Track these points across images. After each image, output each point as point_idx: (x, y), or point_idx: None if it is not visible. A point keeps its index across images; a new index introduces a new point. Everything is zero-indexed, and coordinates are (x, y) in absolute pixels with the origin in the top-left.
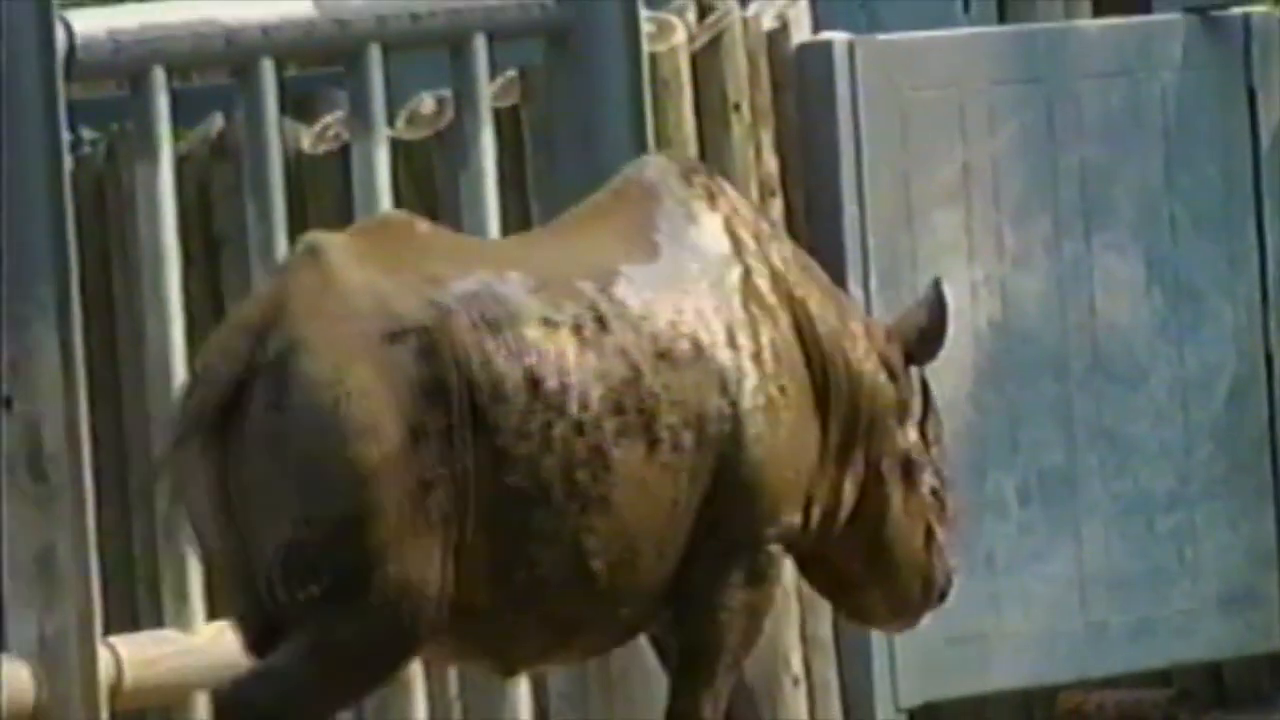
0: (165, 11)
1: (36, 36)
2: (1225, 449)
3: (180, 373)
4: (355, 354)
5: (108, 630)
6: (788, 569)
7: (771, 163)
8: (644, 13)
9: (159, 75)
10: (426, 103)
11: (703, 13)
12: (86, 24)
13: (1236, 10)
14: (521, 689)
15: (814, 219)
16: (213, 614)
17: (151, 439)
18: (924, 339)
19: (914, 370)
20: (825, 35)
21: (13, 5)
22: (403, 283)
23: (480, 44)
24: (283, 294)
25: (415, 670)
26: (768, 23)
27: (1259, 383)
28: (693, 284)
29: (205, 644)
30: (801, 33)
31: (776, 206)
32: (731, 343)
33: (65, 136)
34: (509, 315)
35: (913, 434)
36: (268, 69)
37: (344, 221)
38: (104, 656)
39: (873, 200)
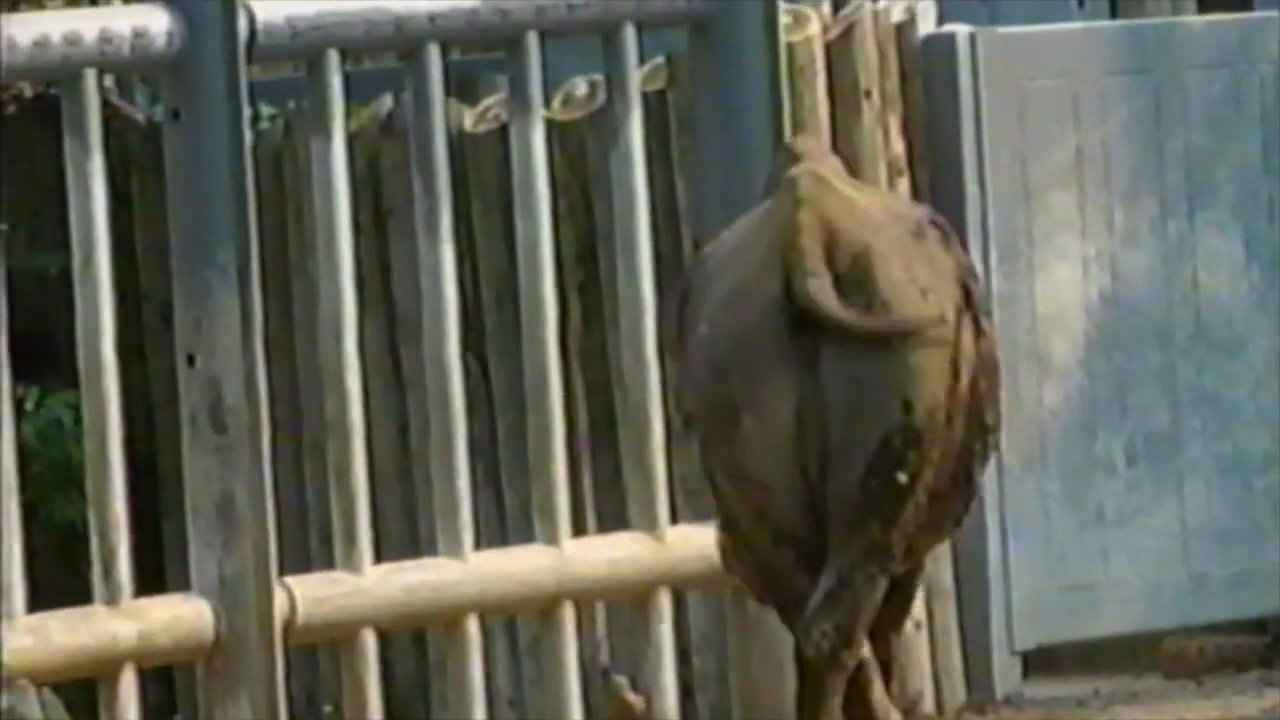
0: (340, 0)
1: (221, 22)
2: None
3: (350, 332)
4: (910, 253)
5: (282, 571)
6: None
7: (899, 145)
8: (782, 5)
9: (333, 58)
10: (580, 87)
11: (836, 6)
12: (267, 11)
13: None
14: (664, 627)
15: (938, 198)
16: (379, 557)
17: (323, 395)
18: None
19: None
20: (949, 27)
21: None
22: (874, 196)
23: (630, 32)
24: (821, 212)
25: (568, 607)
26: (896, 15)
27: None
28: None
29: (372, 585)
30: (927, 25)
31: (903, 186)
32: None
33: (246, 114)
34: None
35: None
36: (434, 54)
37: (503, 196)
38: (279, 595)
39: (993, 181)
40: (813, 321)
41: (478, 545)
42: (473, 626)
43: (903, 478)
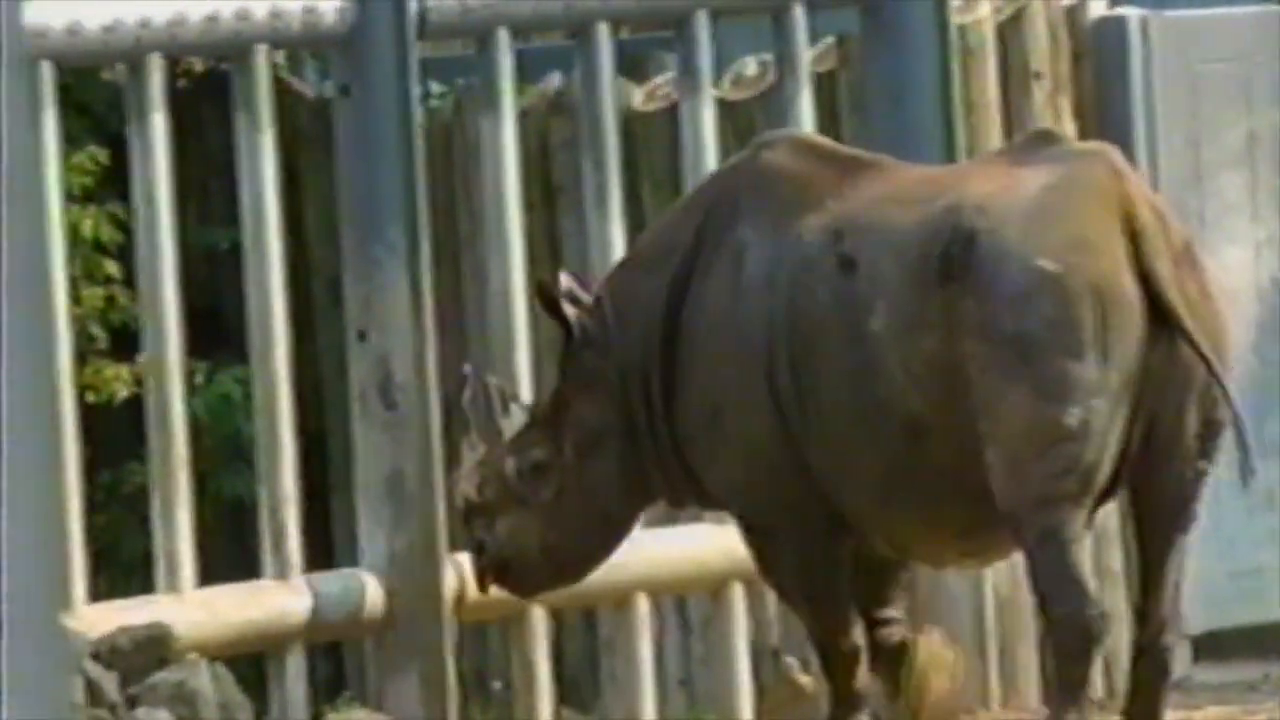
0: None
1: (392, 1)
2: None
3: (520, 308)
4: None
5: (452, 548)
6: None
7: (1070, 127)
8: None
9: (504, 36)
10: (750, 66)
11: None
12: None
13: None
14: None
15: None
16: None
17: (493, 370)
18: None
19: None
20: (1120, 10)
21: None
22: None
23: (800, 13)
24: (1143, 191)
25: (738, 587)
26: None
27: None
28: None
29: None
30: (1099, 8)
31: None
32: None
33: (416, 91)
34: None
35: None
36: (603, 32)
37: (672, 174)
38: (449, 572)
39: (1164, 164)
40: (1154, 298)
41: (647, 524)
42: (643, 605)
43: (1206, 467)
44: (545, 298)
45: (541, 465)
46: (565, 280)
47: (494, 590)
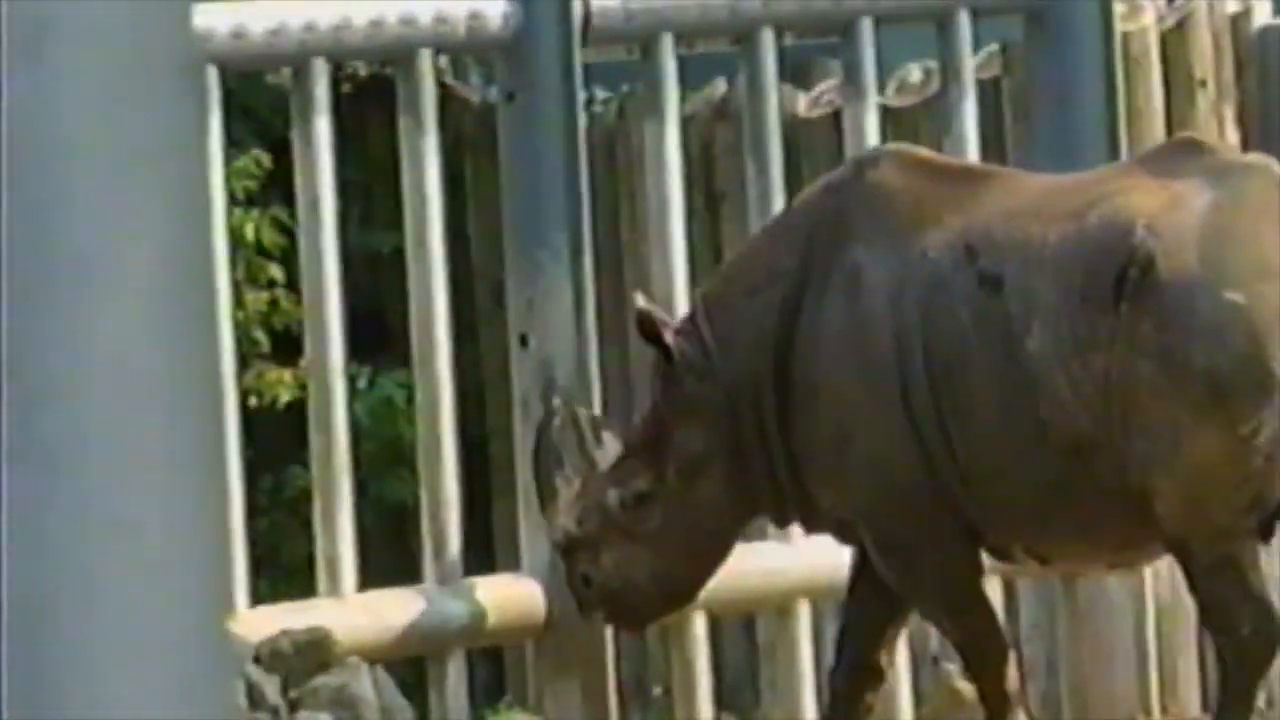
0: None
1: (557, 5)
2: None
3: (683, 315)
4: None
5: None
6: None
7: (1233, 135)
8: None
9: (668, 41)
10: (914, 73)
11: None
12: None
13: None
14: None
15: None
16: None
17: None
18: None
19: None
20: None
21: None
22: None
23: (964, 19)
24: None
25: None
26: (1231, 6)
27: None
28: None
29: None
30: (1263, 15)
31: None
32: None
33: (580, 96)
34: None
35: None
36: (768, 38)
37: None
38: None
39: None
40: None
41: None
42: (803, 611)
43: None
44: (646, 324)
45: (645, 495)
46: (643, 303)
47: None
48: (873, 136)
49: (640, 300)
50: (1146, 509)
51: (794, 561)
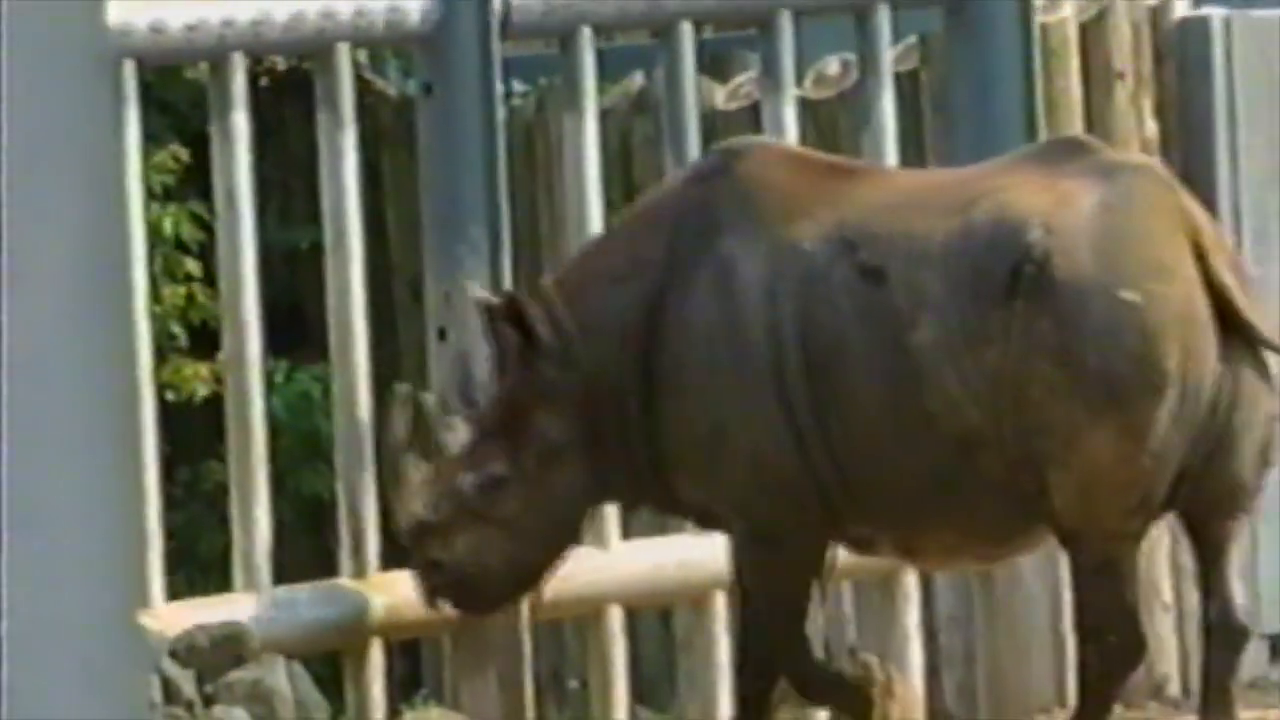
0: None
1: (475, 0)
2: None
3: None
4: None
5: None
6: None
7: (1152, 127)
8: None
9: (586, 35)
10: (833, 65)
11: None
12: None
13: None
14: (911, 607)
15: (1190, 179)
16: (626, 533)
17: None
18: None
19: None
20: (1204, 10)
21: None
22: None
23: (883, 12)
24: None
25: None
26: None
27: None
28: None
29: (619, 561)
30: (1182, 7)
31: None
32: None
33: (499, 89)
34: None
35: None
36: (686, 31)
37: None
38: None
39: (1246, 164)
40: (1223, 311)
41: None
42: (720, 604)
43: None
44: (513, 310)
45: (501, 479)
46: (483, 293)
47: (573, 587)
48: (791, 129)
49: (477, 291)
50: (1028, 504)
51: (710, 554)
